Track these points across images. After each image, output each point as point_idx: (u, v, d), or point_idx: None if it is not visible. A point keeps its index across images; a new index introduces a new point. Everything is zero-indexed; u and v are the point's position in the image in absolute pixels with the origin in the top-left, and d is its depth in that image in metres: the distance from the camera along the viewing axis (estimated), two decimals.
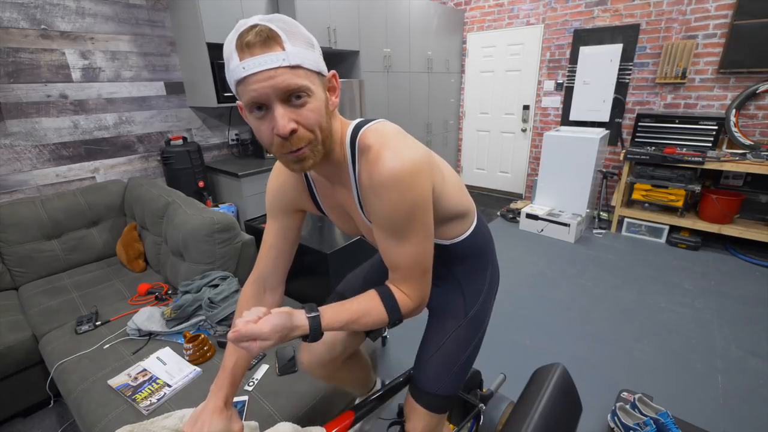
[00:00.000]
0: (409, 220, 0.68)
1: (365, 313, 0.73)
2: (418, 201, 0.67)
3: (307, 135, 0.63)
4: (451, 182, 0.82)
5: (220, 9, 2.42)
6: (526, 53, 4.11)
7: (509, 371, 1.72)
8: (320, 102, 0.63)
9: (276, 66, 0.57)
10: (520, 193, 4.62)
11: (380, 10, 3.31)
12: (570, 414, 1.05)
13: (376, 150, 0.66)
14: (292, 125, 0.60)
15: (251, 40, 0.57)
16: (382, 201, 0.67)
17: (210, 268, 1.73)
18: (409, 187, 0.65)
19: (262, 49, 0.57)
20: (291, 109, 0.61)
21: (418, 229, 0.69)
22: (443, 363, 0.94)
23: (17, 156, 2.14)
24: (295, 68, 0.59)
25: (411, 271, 0.74)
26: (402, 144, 0.67)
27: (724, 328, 2.17)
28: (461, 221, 0.88)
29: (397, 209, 0.66)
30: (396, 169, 0.64)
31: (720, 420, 1.60)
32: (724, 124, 2.99)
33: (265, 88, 0.58)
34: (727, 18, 2.94)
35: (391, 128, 0.70)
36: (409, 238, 0.70)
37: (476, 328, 0.96)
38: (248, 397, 1.22)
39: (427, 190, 0.68)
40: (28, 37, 2.08)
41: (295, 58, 0.59)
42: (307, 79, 0.61)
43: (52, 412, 1.71)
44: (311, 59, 0.62)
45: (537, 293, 2.59)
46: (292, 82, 0.59)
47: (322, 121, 0.64)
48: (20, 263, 1.98)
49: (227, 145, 3.14)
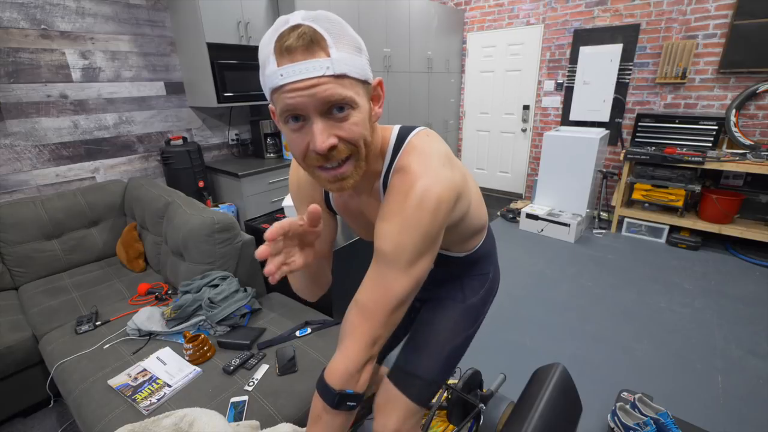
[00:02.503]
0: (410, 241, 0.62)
1: (313, 418, 0.67)
2: (426, 231, 0.61)
3: (348, 150, 0.57)
4: (476, 201, 0.79)
5: (220, 9, 2.42)
6: (526, 53, 4.10)
7: (509, 371, 1.72)
8: (364, 114, 0.57)
9: (319, 75, 0.51)
10: (520, 193, 4.62)
11: (380, 10, 3.31)
12: (570, 414, 1.05)
13: (412, 176, 0.60)
14: (332, 141, 0.54)
15: (292, 44, 0.50)
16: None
17: (210, 268, 1.73)
18: (428, 214, 0.60)
19: (304, 55, 0.50)
20: (332, 122, 0.54)
21: (410, 257, 0.62)
22: (435, 343, 0.89)
23: (17, 156, 2.14)
24: (340, 78, 0.52)
25: (372, 310, 0.63)
26: (441, 175, 0.61)
27: (724, 328, 2.17)
28: (477, 235, 0.89)
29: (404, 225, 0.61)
30: (422, 196, 0.59)
31: (720, 420, 1.60)
32: (724, 124, 2.99)
33: (304, 98, 0.51)
34: (727, 18, 2.94)
35: (436, 150, 0.64)
36: (397, 264, 0.63)
37: (472, 318, 0.94)
38: (248, 397, 1.22)
39: (441, 226, 0.63)
40: (28, 37, 2.08)
41: (342, 65, 0.52)
42: (352, 89, 0.54)
43: (52, 412, 1.71)
44: (358, 66, 0.55)
45: (537, 293, 2.58)
46: (335, 94, 0.52)
47: (366, 134, 0.58)
48: (20, 263, 1.98)
49: (227, 145, 3.14)
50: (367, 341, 0.64)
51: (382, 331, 0.64)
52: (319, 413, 0.66)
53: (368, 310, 0.64)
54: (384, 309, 0.63)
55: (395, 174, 0.64)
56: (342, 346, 0.65)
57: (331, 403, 0.64)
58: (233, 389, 1.26)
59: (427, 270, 0.65)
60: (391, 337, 0.71)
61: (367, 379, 0.66)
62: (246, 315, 1.63)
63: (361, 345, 0.64)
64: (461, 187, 0.66)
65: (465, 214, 0.74)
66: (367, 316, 0.64)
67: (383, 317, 0.63)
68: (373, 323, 0.63)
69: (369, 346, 0.64)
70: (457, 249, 0.87)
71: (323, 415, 0.65)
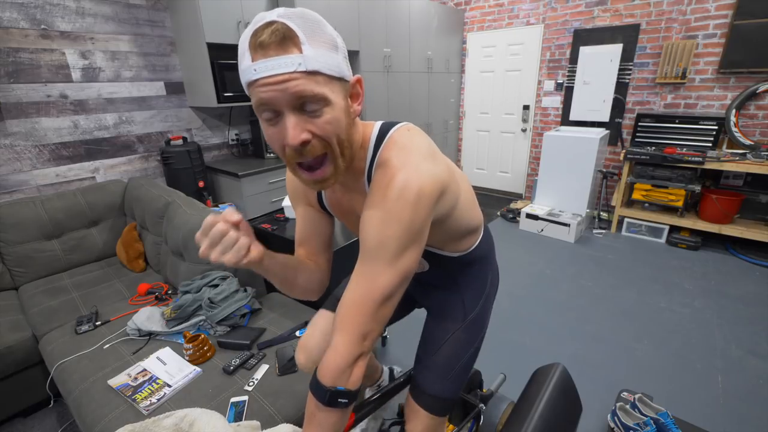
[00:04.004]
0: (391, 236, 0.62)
1: (308, 417, 0.67)
2: (408, 224, 0.61)
3: (322, 146, 0.58)
4: (466, 199, 0.79)
5: (220, 9, 2.42)
6: (526, 53, 4.10)
7: (509, 371, 1.72)
8: (339, 112, 0.58)
9: (290, 71, 0.52)
10: (520, 193, 4.62)
11: (380, 10, 3.31)
12: (570, 414, 1.05)
13: (392, 170, 0.61)
14: (304, 136, 0.55)
15: (265, 40, 0.51)
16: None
17: (210, 268, 1.73)
18: (408, 206, 0.60)
19: (276, 51, 0.52)
20: (305, 117, 0.55)
21: (394, 251, 0.62)
22: (443, 365, 0.92)
23: (17, 156, 2.14)
24: (312, 74, 0.53)
25: (359, 303, 0.63)
26: (421, 168, 0.61)
27: (724, 328, 2.17)
28: (471, 236, 0.88)
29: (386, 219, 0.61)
30: (402, 188, 0.59)
31: (720, 420, 1.60)
32: (724, 124, 2.99)
33: (275, 93, 0.53)
34: (727, 18, 2.94)
35: (417, 144, 0.65)
36: (380, 258, 0.63)
37: (476, 332, 0.96)
38: (248, 397, 1.22)
39: (424, 219, 0.62)
40: (28, 37, 2.08)
41: (314, 62, 0.53)
42: (326, 86, 0.55)
43: (52, 412, 1.70)
44: (332, 63, 0.56)
45: (537, 293, 2.58)
46: (306, 90, 0.53)
47: (341, 132, 0.59)
48: (20, 263, 1.98)
49: (227, 145, 3.14)
50: (357, 336, 0.63)
51: (372, 325, 0.64)
52: (313, 411, 0.66)
53: (356, 305, 0.64)
54: (371, 303, 0.63)
55: (377, 169, 0.65)
56: (332, 343, 0.65)
57: (322, 401, 0.64)
58: (233, 389, 1.26)
59: (414, 264, 0.65)
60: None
61: (359, 375, 0.66)
62: (246, 315, 1.63)
63: (351, 340, 0.63)
64: (445, 180, 0.65)
65: (453, 209, 0.73)
66: (355, 311, 0.63)
67: (371, 312, 0.63)
68: (362, 318, 0.63)
69: (359, 342, 0.64)
70: (450, 248, 0.86)
71: (317, 413, 0.65)
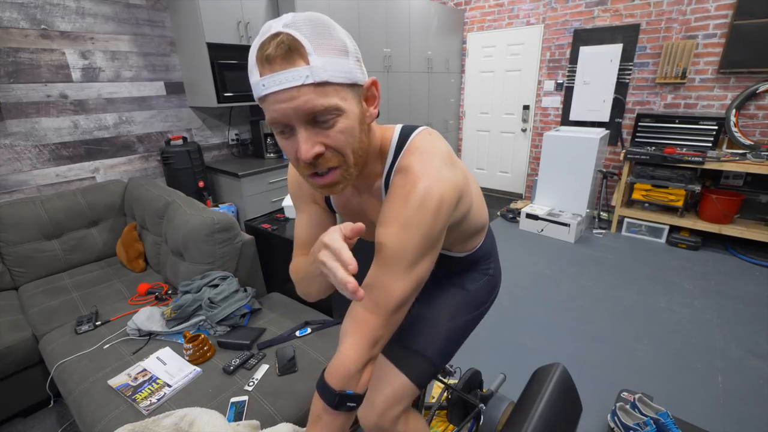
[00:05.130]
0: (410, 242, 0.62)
1: (313, 418, 0.66)
2: (428, 232, 0.61)
3: (336, 157, 0.57)
4: (477, 201, 0.79)
5: (220, 9, 2.42)
6: (526, 53, 4.10)
7: (509, 371, 1.72)
8: (352, 119, 0.56)
9: (298, 84, 0.50)
10: (520, 193, 4.62)
11: (380, 10, 3.31)
12: (570, 414, 1.05)
13: (414, 176, 0.60)
14: (316, 149, 0.54)
15: (271, 54, 0.50)
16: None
17: (210, 268, 1.73)
18: (430, 214, 0.60)
19: (282, 65, 0.50)
20: (317, 130, 0.54)
21: (411, 258, 0.61)
22: (433, 319, 0.88)
23: (17, 156, 2.14)
24: (321, 85, 0.52)
25: (372, 310, 0.63)
26: (443, 175, 0.61)
27: (724, 328, 2.17)
28: (478, 235, 0.89)
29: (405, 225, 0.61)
30: (424, 194, 0.59)
31: (720, 420, 1.60)
32: (724, 124, 2.99)
33: (285, 110, 0.52)
34: (727, 18, 2.94)
35: (438, 150, 0.64)
36: (398, 264, 0.62)
37: (472, 305, 0.94)
38: (248, 397, 1.22)
39: (442, 227, 0.63)
40: (28, 37, 2.08)
41: (322, 72, 0.51)
42: (337, 95, 0.53)
43: (52, 412, 1.71)
44: (343, 70, 0.54)
45: (537, 293, 2.58)
46: (316, 104, 0.52)
47: (354, 141, 0.58)
48: (20, 263, 1.98)
49: (227, 145, 3.14)
50: (368, 342, 0.63)
51: (383, 331, 0.64)
52: (319, 413, 0.66)
53: (369, 311, 0.63)
54: (385, 310, 0.63)
55: (397, 174, 0.64)
56: (342, 347, 0.65)
57: (331, 404, 0.63)
58: (233, 389, 1.26)
59: (429, 271, 0.65)
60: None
61: (367, 380, 0.66)
62: (246, 315, 1.63)
63: (362, 345, 0.63)
64: (463, 187, 0.65)
65: (466, 215, 0.74)
66: (367, 316, 0.63)
67: (384, 318, 0.63)
68: (374, 324, 0.63)
69: (370, 347, 0.64)
70: (458, 249, 0.87)
71: (323, 415, 0.65)
